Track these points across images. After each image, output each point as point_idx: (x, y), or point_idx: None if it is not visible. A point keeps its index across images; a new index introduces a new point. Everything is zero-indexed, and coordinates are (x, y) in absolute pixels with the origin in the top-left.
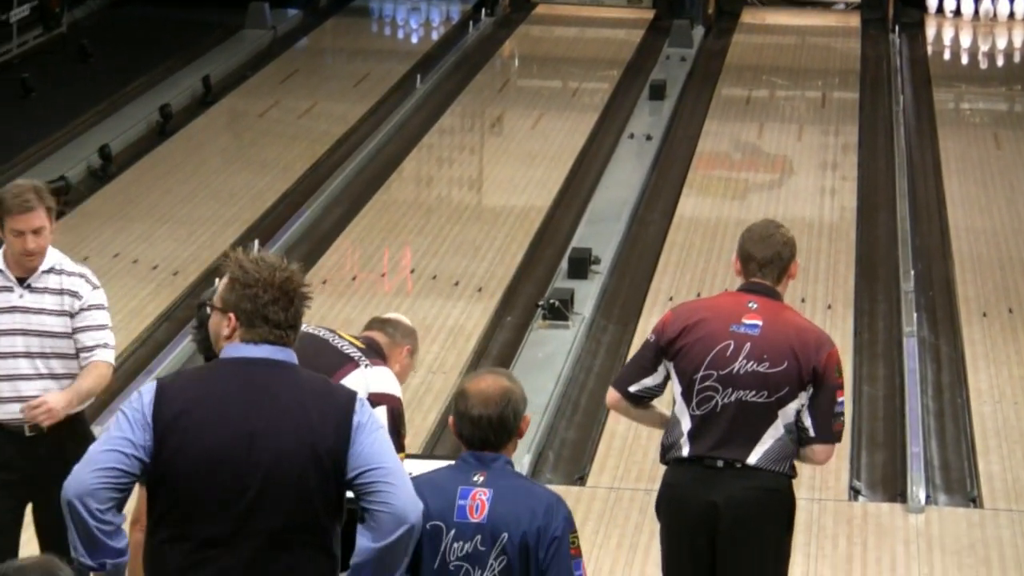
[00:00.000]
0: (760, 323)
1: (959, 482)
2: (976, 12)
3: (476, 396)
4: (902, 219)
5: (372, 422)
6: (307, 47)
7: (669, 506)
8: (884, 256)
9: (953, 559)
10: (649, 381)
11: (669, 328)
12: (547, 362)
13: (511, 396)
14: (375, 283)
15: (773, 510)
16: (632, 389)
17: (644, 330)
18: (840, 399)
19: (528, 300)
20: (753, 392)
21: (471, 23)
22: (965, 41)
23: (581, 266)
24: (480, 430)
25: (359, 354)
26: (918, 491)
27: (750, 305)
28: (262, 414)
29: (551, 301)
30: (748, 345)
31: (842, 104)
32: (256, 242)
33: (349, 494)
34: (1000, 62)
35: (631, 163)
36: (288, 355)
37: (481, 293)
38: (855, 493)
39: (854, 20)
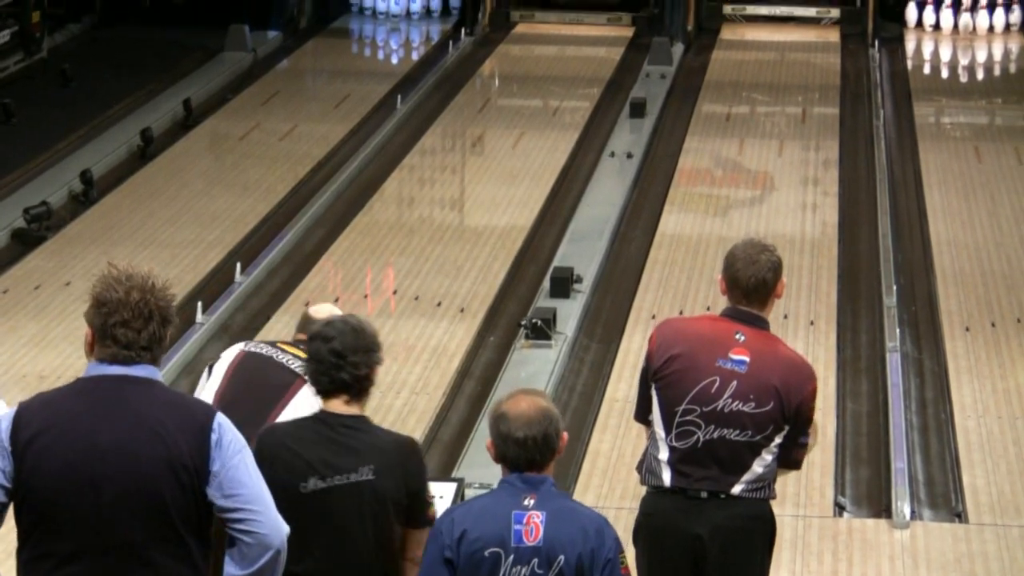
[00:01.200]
0: (747, 359)
1: (944, 497)
2: (956, 26)
3: (518, 418)
4: (884, 234)
5: (234, 441)
6: (287, 69)
7: (649, 536)
8: (866, 271)
9: (939, 574)
10: None
11: (655, 357)
12: (530, 381)
13: (551, 415)
14: (357, 304)
15: (758, 536)
16: (651, 418)
17: (627, 348)
18: (808, 430)
19: (511, 319)
20: (737, 432)
21: (451, 43)
22: (945, 55)
23: (563, 285)
24: (527, 451)
25: (303, 367)
26: (903, 506)
27: (737, 337)
28: (114, 428)
29: (533, 320)
30: (735, 383)
31: (823, 119)
32: (238, 265)
33: None
34: (980, 75)
35: (612, 181)
36: (149, 372)
37: (464, 313)
38: (840, 509)
39: (834, 35)
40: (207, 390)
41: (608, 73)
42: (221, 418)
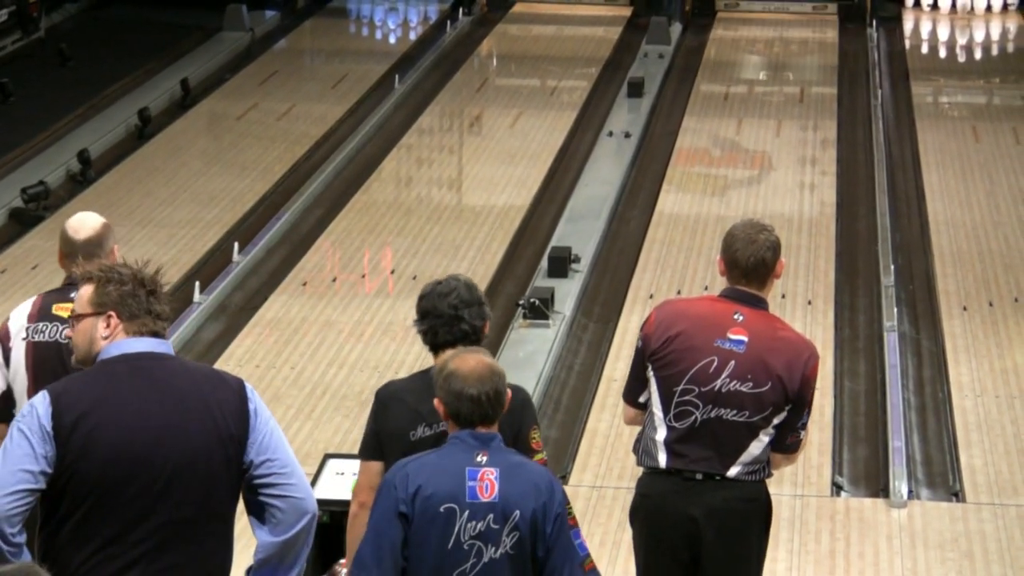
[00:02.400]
0: (746, 339)
1: (941, 476)
2: (953, 5)
3: (470, 375)
4: (881, 214)
5: (264, 409)
6: (285, 49)
7: (646, 517)
8: (864, 251)
9: (936, 553)
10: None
11: (653, 338)
12: (528, 361)
13: (499, 371)
14: (355, 284)
15: (754, 519)
16: (642, 400)
17: (625, 328)
18: (806, 415)
19: (509, 299)
20: (734, 412)
21: (449, 23)
22: (943, 34)
23: (561, 264)
24: (481, 407)
25: None
26: (900, 486)
27: (736, 317)
28: (164, 406)
29: (531, 300)
30: (732, 363)
31: (820, 99)
32: (236, 245)
33: None
34: (978, 55)
35: (610, 161)
36: (168, 347)
37: None
38: (838, 489)
39: (831, 15)
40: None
41: (606, 53)
42: (250, 386)
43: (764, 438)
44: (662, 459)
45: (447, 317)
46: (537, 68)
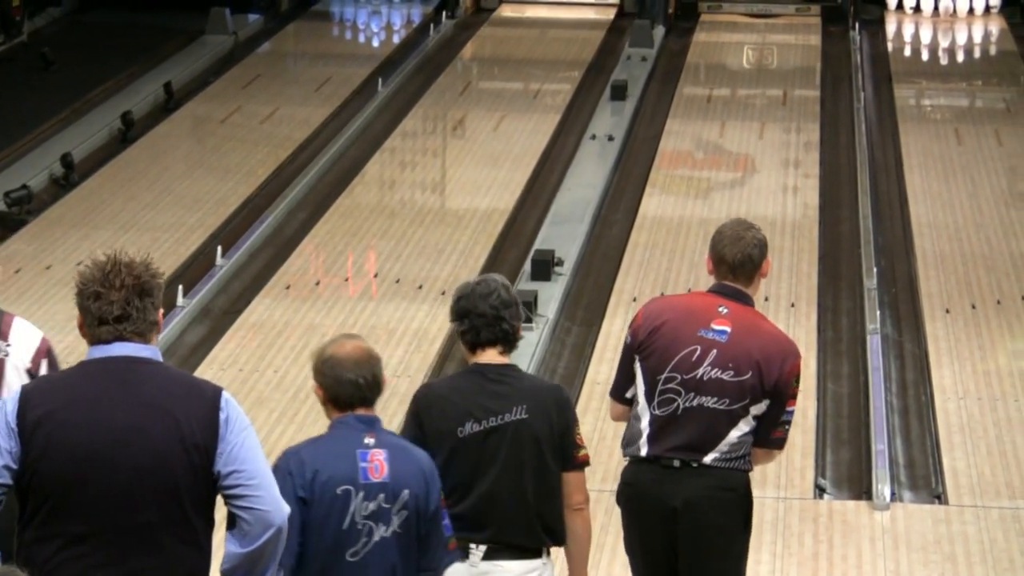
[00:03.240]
0: (729, 329)
1: (924, 479)
2: (936, 8)
3: (348, 359)
4: (864, 216)
5: (240, 418)
6: (269, 52)
7: (628, 504)
8: (847, 253)
9: (919, 556)
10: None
11: (640, 331)
12: None
13: (376, 356)
14: (339, 288)
15: (731, 509)
16: (628, 395)
17: (608, 331)
18: (790, 408)
19: None
20: (715, 399)
21: (432, 26)
22: (925, 37)
23: (544, 268)
24: (360, 390)
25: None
26: (883, 488)
27: (720, 310)
28: (129, 411)
29: None
30: (714, 352)
31: (803, 101)
32: (219, 248)
33: None
34: (960, 57)
35: (593, 164)
36: (153, 352)
37: (445, 296)
38: (820, 491)
39: (814, 17)
40: None
41: (589, 56)
42: (228, 396)
43: (744, 427)
44: (644, 448)
45: (489, 317)
46: (520, 71)
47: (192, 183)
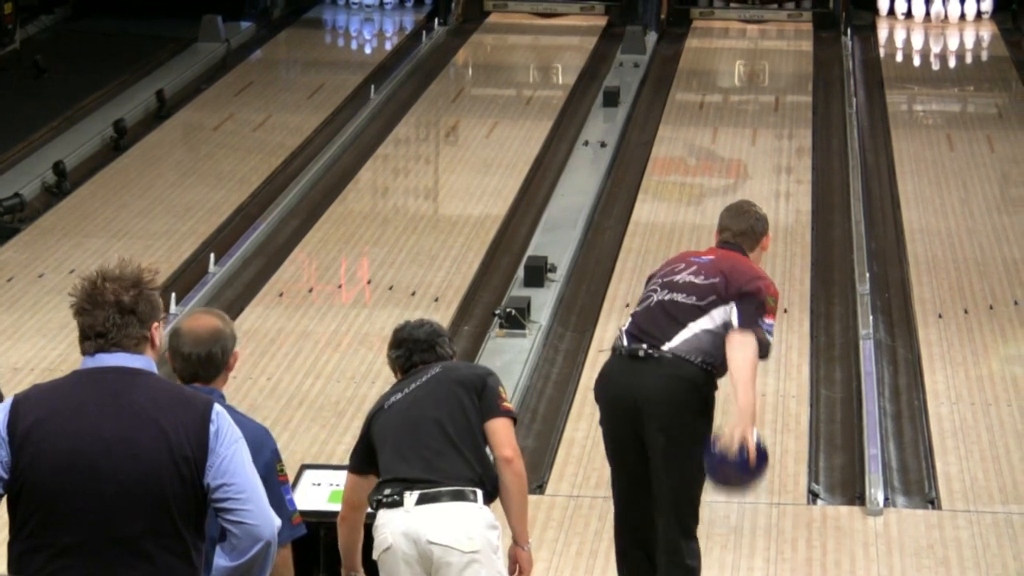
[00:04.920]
0: (713, 257)
1: (917, 484)
2: (927, 14)
3: (188, 334)
4: (857, 222)
5: (230, 432)
6: (261, 59)
7: (599, 393)
8: (840, 259)
9: (912, 561)
10: None
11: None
12: (505, 370)
13: (220, 336)
14: (332, 295)
15: (683, 396)
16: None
17: (601, 337)
18: (769, 321)
19: (485, 309)
20: (684, 295)
21: (424, 32)
22: (917, 43)
23: (537, 274)
24: (191, 365)
25: None
26: (876, 493)
27: (716, 250)
28: (118, 421)
29: (508, 310)
30: (695, 266)
31: (795, 107)
32: (212, 256)
33: None
34: (952, 63)
35: (586, 170)
36: (145, 362)
37: (438, 303)
38: (814, 496)
39: (806, 23)
40: None
41: (581, 62)
42: (219, 408)
43: (706, 323)
44: (622, 340)
45: (423, 342)
46: (513, 78)
47: (184, 191)
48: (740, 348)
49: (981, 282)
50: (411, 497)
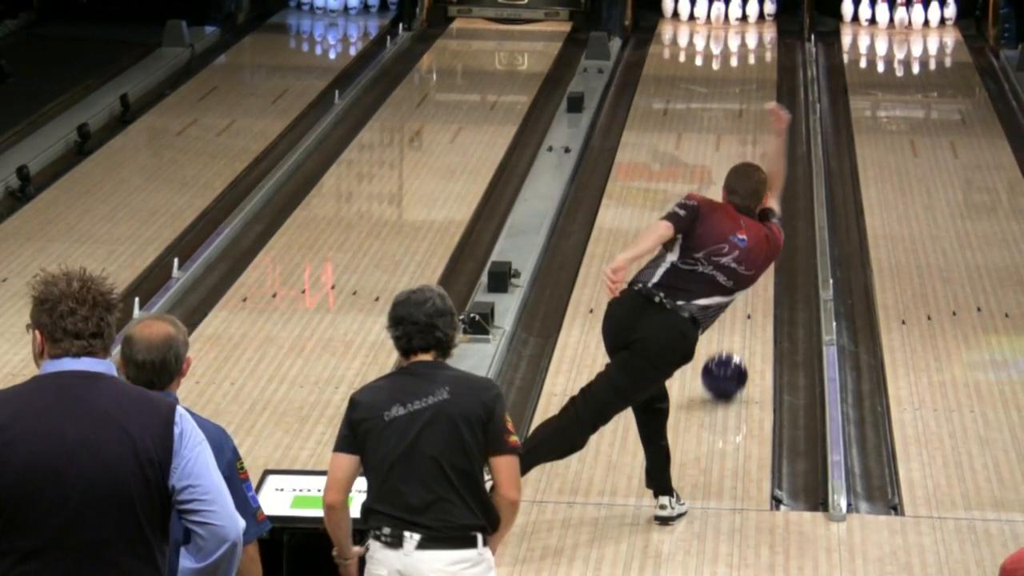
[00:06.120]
0: (746, 239)
1: (880, 490)
2: (891, 20)
3: (141, 341)
4: (820, 228)
5: (194, 434)
6: (225, 64)
7: (606, 321)
8: (803, 265)
9: (875, 567)
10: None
11: (700, 210)
12: None
13: (173, 342)
14: (296, 300)
15: (667, 341)
16: (677, 229)
17: (565, 342)
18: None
19: None
20: (724, 277)
21: (389, 38)
22: (881, 49)
23: (501, 280)
24: (145, 373)
25: None
26: (839, 499)
27: (741, 223)
28: (81, 425)
29: (472, 315)
30: (737, 252)
31: (759, 114)
32: (176, 261)
33: None
34: (916, 69)
35: (550, 175)
36: (106, 366)
37: None
38: (777, 502)
39: (770, 29)
40: None
41: (546, 68)
42: (182, 410)
43: (726, 299)
44: (650, 281)
45: (422, 324)
46: (477, 83)
47: (148, 195)
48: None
49: (944, 288)
50: (411, 540)
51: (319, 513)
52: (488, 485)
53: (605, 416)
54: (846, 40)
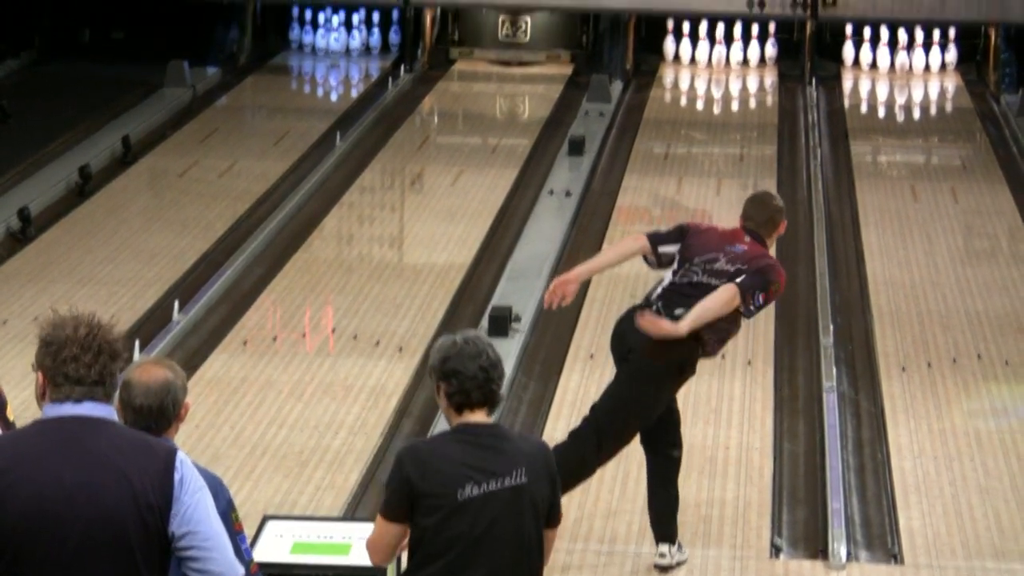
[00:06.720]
0: (745, 248)
1: (880, 538)
2: (892, 65)
3: (138, 386)
4: (821, 273)
5: (194, 480)
6: (227, 105)
7: (614, 329)
8: (803, 311)
9: None
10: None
11: (692, 228)
12: None
13: (171, 387)
14: (296, 343)
15: (663, 354)
16: (660, 249)
17: (565, 387)
18: (760, 299)
19: None
20: (718, 281)
21: (390, 80)
22: (882, 94)
23: (502, 323)
24: (143, 418)
25: None
26: (839, 547)
27: (744, 238)
28: (81, 469)
29: None
30: (731, 256)
31: (760, 158)
32: (176, 303)
33: None
34: (917, 114)
35: (551, 219)
36: (106, 411)
37: (402, 352)
38: (776, 550)
39: (771, 73)
40: None
41: (547, 111)
42: (183, 456)
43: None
44: (652, 295)
45: (480, 379)
46: (478, 126)
47: (149, 237)
48: (718, 294)
49: (945, 335)
50: None
51: (319, 560)
52: None
53: (607, 431)
54: (847, 84)
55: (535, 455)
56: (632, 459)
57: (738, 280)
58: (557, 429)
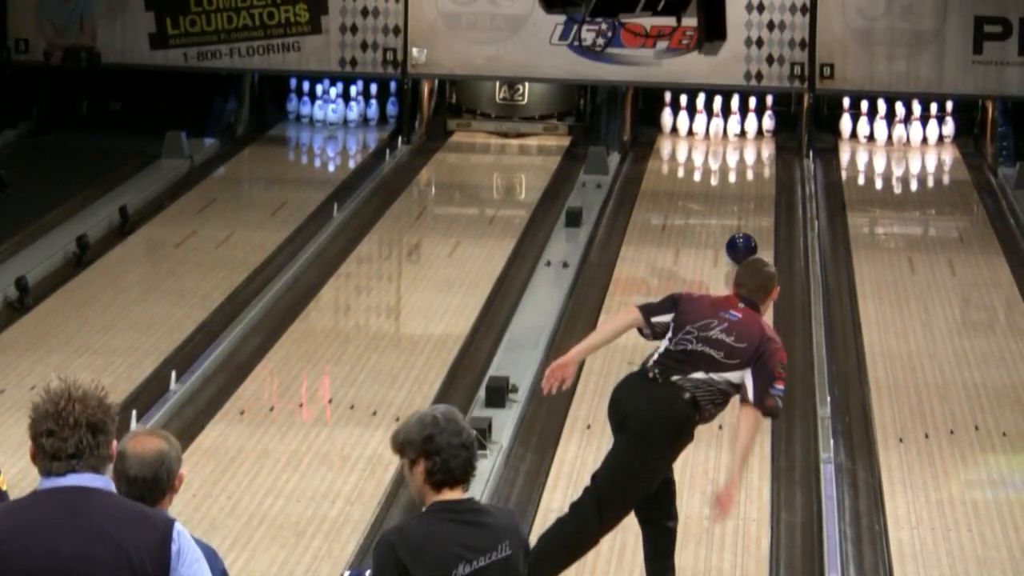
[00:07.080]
0: (740, 315)
1: None
2: (890, 137)
3: (133, 457)
4: (818, 344)
5: (191, 552)
6: (224, 176)
7: (611, 397)
8: (800, 381)
9: None
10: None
11: (685, 297)
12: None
13: (165, 458)
14: (293, 413)
15: (664, 421)
16: (654, 320)
17: (562, 459)
18: (779, 386)
19: None
20: (714, 351)
21: (388, 151)
22: (879, 166)
23: (499, 394)
24: (136, 488)
25: None
26: None
27: (739, 305)
28: (77, 541)
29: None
30: (726, 324)
31: (757, 229)
32: (173, 373)
33: None
34: (914, 187)
35: (548, 290)
36: (104, 482)
37: (399, 423)
38: None
39: (768, 145)
40: None
41: (544, 182)
42: (180, 527)
43: (716, 377)
44: (647, 363)
45: (463, 458)
46: (476, 197)
47: (147, 307)
48: (746, 422)
49: (942, 406)
50: None
51: None
52: None
53: (608, 500)
54: (844, 157)
55: (513, 527)
56: (629, 530)
57: (752, 398)
58: (554, 500)
